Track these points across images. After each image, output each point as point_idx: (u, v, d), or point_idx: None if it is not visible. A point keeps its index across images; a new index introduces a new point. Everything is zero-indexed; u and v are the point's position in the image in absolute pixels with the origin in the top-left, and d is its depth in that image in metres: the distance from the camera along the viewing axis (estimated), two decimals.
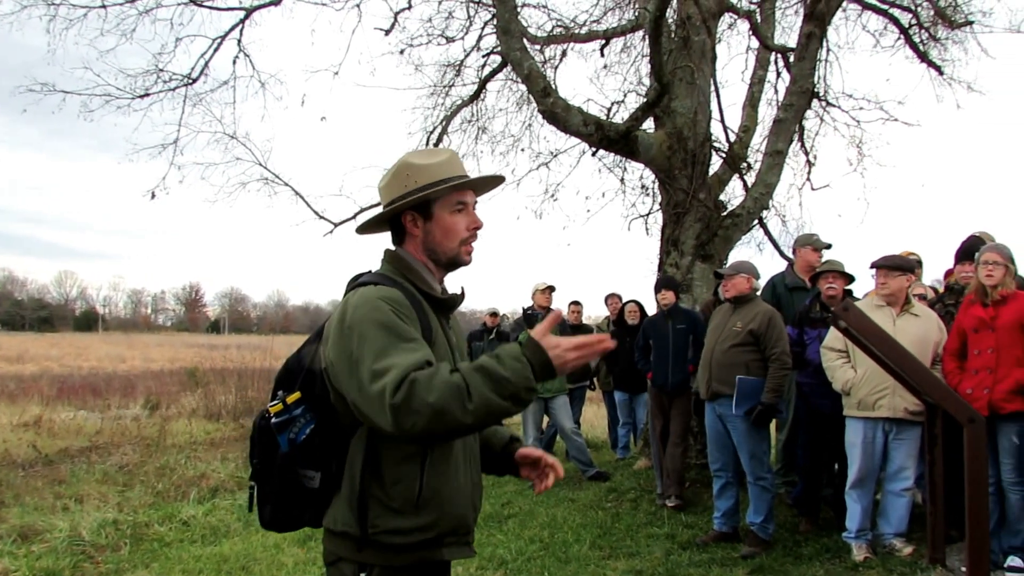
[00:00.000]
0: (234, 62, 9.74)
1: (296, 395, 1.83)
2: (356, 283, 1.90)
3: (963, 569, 4.17)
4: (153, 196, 9.63)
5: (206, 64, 9.67)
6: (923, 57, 9.67)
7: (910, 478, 4.87)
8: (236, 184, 9.93)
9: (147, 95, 9.44)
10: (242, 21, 9.53)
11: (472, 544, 1.97)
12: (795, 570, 4.67)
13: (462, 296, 2.04)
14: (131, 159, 9.56)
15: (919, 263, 6.38)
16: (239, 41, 9.63)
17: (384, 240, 2.06)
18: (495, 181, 2.12)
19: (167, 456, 9.42)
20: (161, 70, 9.46)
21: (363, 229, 2.09)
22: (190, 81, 9.64)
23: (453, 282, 2.06)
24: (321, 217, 9.92)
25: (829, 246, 6.29)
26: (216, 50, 9.60)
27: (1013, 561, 4.34)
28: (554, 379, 7.37)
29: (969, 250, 5.13)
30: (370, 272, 1.97)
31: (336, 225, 9.97)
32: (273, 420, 1.82)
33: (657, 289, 6.83)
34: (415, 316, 1.81)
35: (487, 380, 1.61)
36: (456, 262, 1.99)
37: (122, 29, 9.13)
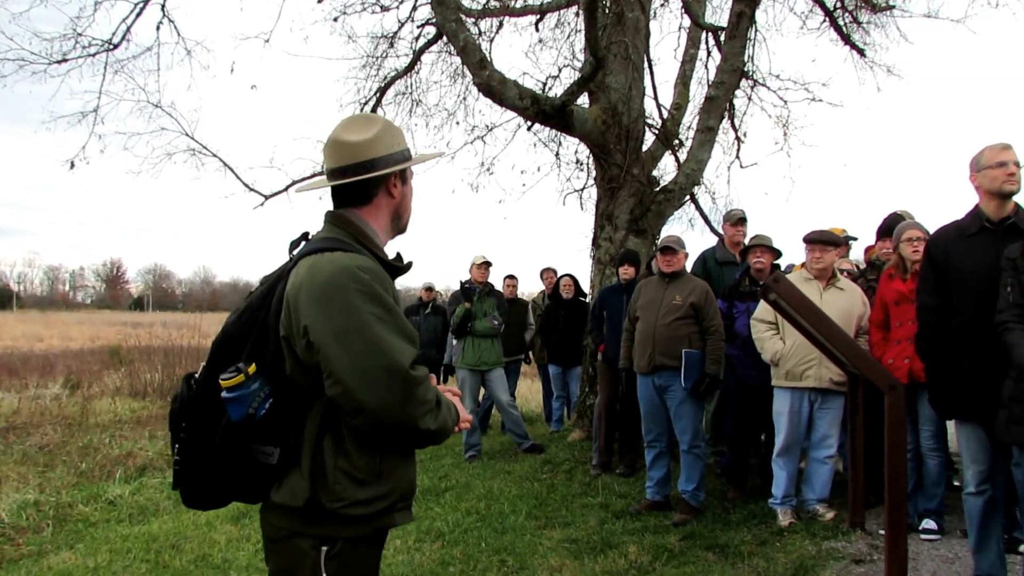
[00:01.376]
0: (158, 28, 9.32)
1: (254, 367, 1.75)
2: (312, 248, 1.83)
3: (881, 532, 4.39)
4: (72, 166, 9.20)
5: (128, 30, 9.21)
6: (847, 40, 9.96)
7: (833, 446, 5.08)
8: (161, 155, 9.59)
9: (65, 61, 8.95)
10: None
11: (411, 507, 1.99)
12: (724, 536, 4.83)
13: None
14: (48, 128, 9.13)
15: (850, 239, 6.63)
16: (163, 6, 9.20)
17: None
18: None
19: (90, 435, 9.13)
20: (79, 35, 8.97)
21: (331, 180, 1.96)
22: (111, 47, 9.16)
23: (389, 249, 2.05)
24: (251, 189, 9.67)
25: (743, 218, 6.51)
26: (138, 15, 9.15)
27: (928, 524, 4.56)
28: (492, 356, 7.53)
29: (890, 227, 5.32)
30: (325, 237, 1.88)
31: (267, 198, 9.72)
32: (229, 393, 1.72)
33: (619, 263, 6.86)
34: (389, 286, 1.81)
35: (445, 405, 1.88)
36: (405, 229, 2.07)
37: None
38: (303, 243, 1.91)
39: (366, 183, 1.91)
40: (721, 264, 6.55)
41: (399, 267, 1.95)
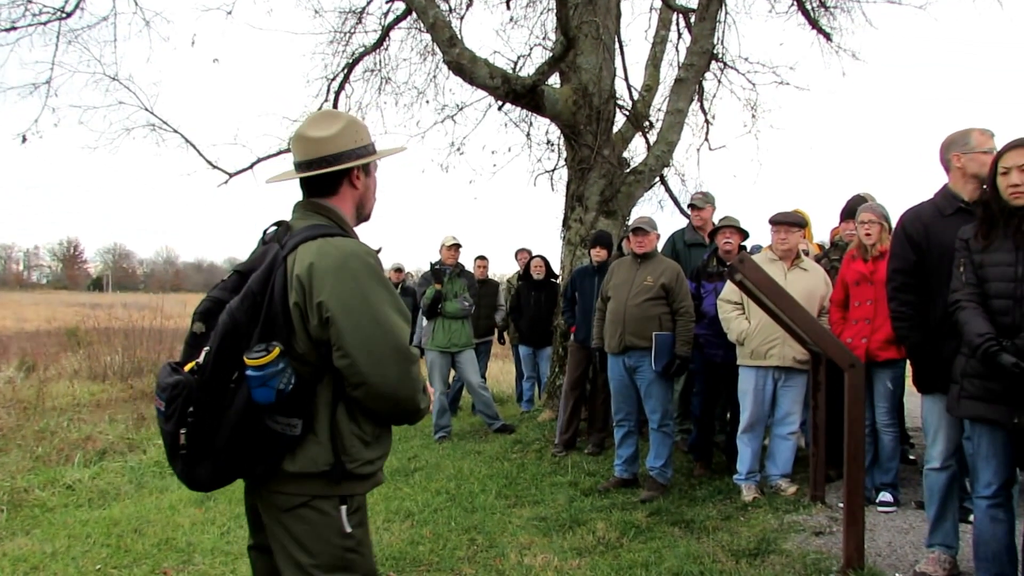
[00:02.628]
0: None
1: (279, 347, 1.85)
2: (310, 235, 1.94)
3: (840, 505, 4.50)
4: (24, 140, 8.91)
5: None
6: (814, 24, 10.03)
7: (796, 423, 5.18)
8: (119, 130, 9.32)
9: (14, 28, 8.61)
10: None
11: None
12: (690, 511, 4.90)
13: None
14: None
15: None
16: None
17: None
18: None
19: (47, 419, 8.91)
20: (30, 1, 8.64)
21: (298, 174, 2.10)
22: (64, 15, 8.84)
23: None
24: (214, 167, 9.47)
25: (706, 201, 6.56)
26: None
27: (884, 496, 4.70)
28: (462, 338, 7.52)
29: (853, 209, 5.41)
30: (316, 224, 2.00)
31: (231, 175, 9.53)
32: (257, 372, 1.81)
33: (591, 245, 6.87)
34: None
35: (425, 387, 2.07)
36: (369, 218, 2.22)
37: None
38: (286, 232, 2.02)
39: (330, 176, 2.06)
40: (689, 246, 6.62)
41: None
